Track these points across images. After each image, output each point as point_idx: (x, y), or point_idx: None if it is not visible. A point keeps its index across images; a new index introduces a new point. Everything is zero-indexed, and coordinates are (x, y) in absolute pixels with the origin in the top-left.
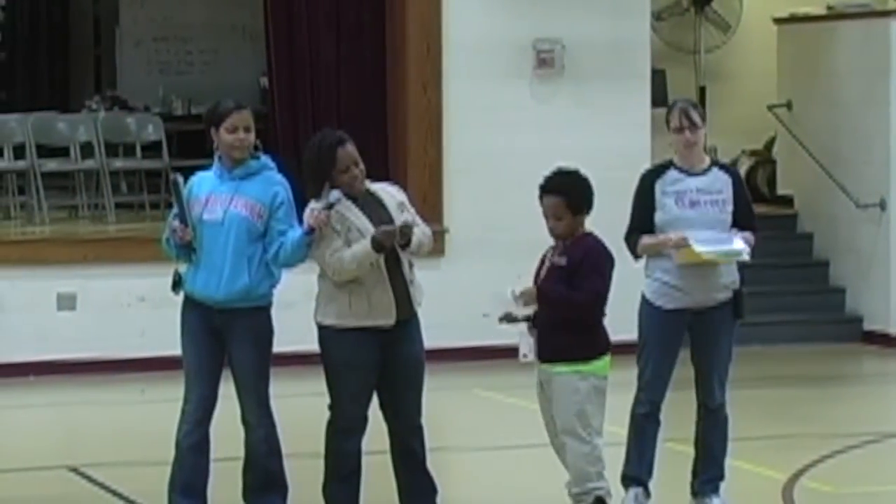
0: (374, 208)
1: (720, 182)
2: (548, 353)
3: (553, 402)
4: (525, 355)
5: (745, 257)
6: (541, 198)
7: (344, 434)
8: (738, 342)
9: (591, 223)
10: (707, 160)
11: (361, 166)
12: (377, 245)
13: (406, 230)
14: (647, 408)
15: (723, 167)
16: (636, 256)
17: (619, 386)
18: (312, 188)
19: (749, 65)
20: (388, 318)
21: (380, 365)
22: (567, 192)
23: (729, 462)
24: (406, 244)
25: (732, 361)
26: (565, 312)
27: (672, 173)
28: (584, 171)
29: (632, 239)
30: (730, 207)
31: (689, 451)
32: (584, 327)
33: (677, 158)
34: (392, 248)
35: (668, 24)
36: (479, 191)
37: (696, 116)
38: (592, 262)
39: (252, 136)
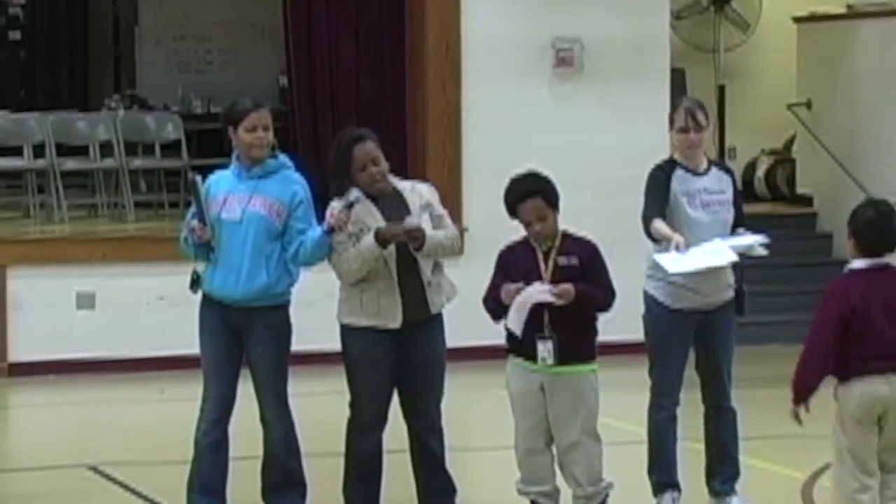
0: (396, 209)
1: (723, 182)
2: (563, 353)
3: (568, 403)
4: (544, 359)
5: (762, 251)
6: (515, 207)
7: (362, 431)
8: (757, 342)
9: (608, 220)
10: (705, 160)
11: (382, 165)
12: (380, 239)
13: (415, 233)
14: (670, 410)
15: (720, 166)
16: (649, 235)
17: (630, 385)
18: (334, 187)
19: (768, 64)
20: (394, 321)
21: (396, 364)
22: (542, 191)
23: (749, 461)
24: (419, 247)
25: (756, 361)
26: (593, 312)
27: (680, 171)
28: (596, 169)
29: (652, 213)
30: (732, 207)
31: (691, 448)
32: (591, 326)
33: (680, 157)
34: (405, 248)
35: (687, 22)
36: (499, 190)
37: (701, 118)
38: (600, 259)
39: (271, 135)
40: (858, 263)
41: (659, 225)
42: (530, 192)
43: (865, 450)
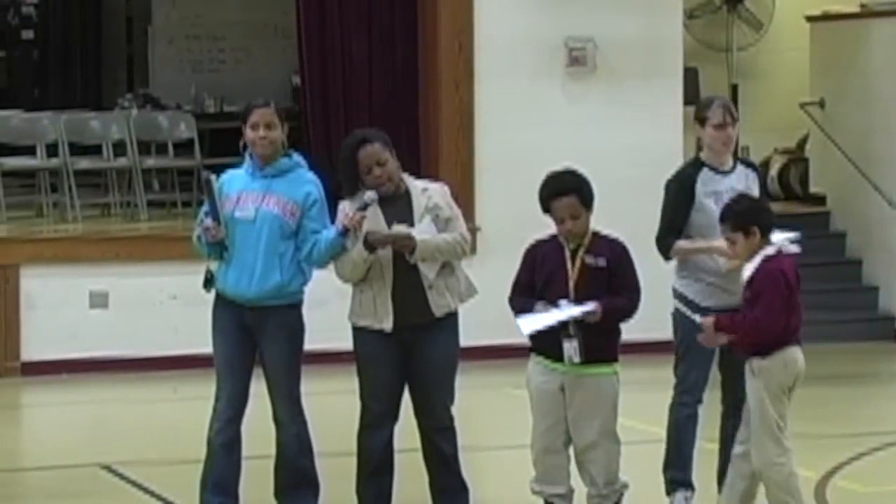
0: (399, 211)
1: (749, 179)
2: (589, 353)
3: (588, 403)
4: (570, 358)
5: (794, 248)
6: (549, 203)
7: (368, 429)
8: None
9: (621, 219)
10: (731, 157)
11: (388, 167)
12: (366, 244)
13: (402, 241)
14: (692, 409)
15: (746, 163)
16: (667, 259)
17: (646, 384)
18: (346, 187)
19: (781, 63)
20: (386, 323)
21: (401, 364)
22: (579, 190)
23: None
24: (410, 253)
25: None
26: (621, 322)
27: (706, 172)
28: (609, 169)
29: (668, 241)
30: None
31: (704, 448)
32: (614, 327)
33: (709, 156)
34: (401, 254)
35: (700, 22)
36: (511, 189)
37: (735, 113)
38: (629, 260)
39: (274, 134)
40: (770, 250)
41: (683, 244)
42: (566, 190)
43: (786, 417)
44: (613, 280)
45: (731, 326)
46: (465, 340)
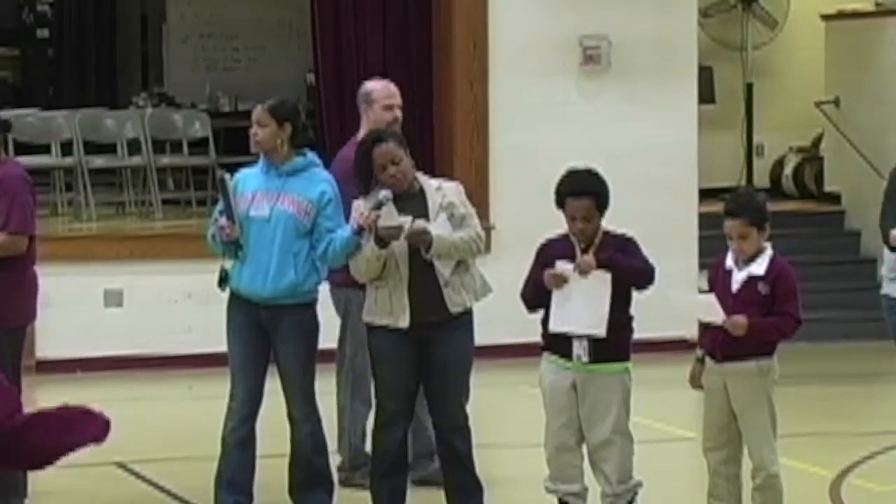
0: (414, 209)
1: None
2: (598, 352)
3: (600, 401)
4: (579, 356)
5: None
6: (564, 201)
7: (383, 428)
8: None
9: (634, 218)
10: None
11: (402, 165)
12: (378, 241)
13: (417, 236)
14: None
15: None
16: (892, 247)
17: (660, 383)
18: (360, 186)
19: (796, 61)
20: (402, 321)
21: (416, 362)
22: (597, 193)
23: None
24: (426, 250)
25: (783, 359)
26: (629, 280)
27: None
28: (623, 167)
29: (891, 227)
30: None
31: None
32: (626, 325)
33: None
34: (416, 251)
35: (715, 20)
36: (526, 187)
37: None
38: (636, 246)
39: (262, 133)
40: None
41: None
42: (584, 192)
43: None
44: None
45: (779, 331)
46: (479, 339)
